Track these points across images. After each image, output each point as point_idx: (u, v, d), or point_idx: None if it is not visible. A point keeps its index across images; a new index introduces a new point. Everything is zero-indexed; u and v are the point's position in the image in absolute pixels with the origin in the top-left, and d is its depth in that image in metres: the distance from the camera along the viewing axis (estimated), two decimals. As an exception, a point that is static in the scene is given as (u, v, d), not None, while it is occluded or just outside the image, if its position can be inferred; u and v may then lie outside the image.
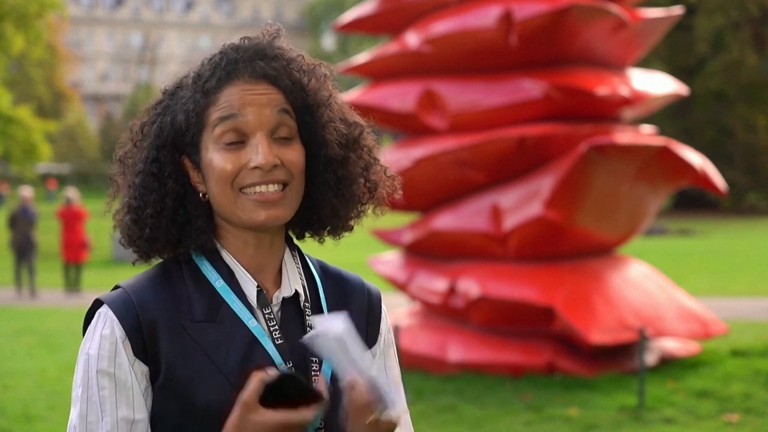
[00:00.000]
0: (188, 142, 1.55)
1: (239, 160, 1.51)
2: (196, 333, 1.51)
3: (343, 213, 1.61)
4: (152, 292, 1.54)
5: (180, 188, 1.55)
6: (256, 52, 1.55)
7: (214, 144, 1.52)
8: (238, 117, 1.51)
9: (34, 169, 27.73)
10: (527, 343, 8.27)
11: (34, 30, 21.03)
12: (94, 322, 1.54)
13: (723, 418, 6.91)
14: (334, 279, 1.67)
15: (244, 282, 1.56)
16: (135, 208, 1.55)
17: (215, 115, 1.52)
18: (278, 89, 1.54)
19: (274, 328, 1.55)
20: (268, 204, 1.51)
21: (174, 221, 1.55)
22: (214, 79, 1.53)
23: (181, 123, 1.54)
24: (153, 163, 1.55)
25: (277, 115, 1.52)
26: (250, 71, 1.53)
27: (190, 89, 1.55)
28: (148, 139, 1.57)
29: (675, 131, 29.33)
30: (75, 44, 76.01)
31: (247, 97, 1.52)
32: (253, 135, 1.51)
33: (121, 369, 1.49)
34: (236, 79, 1.53)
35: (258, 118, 1.51)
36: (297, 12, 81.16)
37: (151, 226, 1.55)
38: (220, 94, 1.52)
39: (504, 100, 8.45)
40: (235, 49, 1.56)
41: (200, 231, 1.56)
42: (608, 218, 8.41)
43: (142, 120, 1.60)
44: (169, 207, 1.54)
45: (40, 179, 44.47)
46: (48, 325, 12.20)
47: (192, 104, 1.54)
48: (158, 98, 1.61)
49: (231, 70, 1.53)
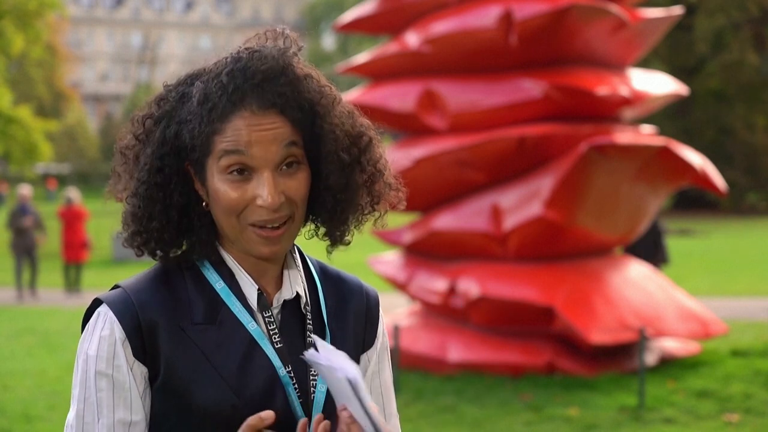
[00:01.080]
0: (193, 159, 1.52)
1: (245, 194, 1.48)
2: (196, 335, 1.51)
3: (341, 230, 1.60)
4: (152, 292, 1.53)
5: (184, 199, 1.54)
6: (265, 77, 1.49)
7: (219, 173, 1.49)
8: (245, 153, 1.47)
9: (34, 169, 27.73)
10: (527, 343, 8.27)
11: (34, 29, 21.02)
12: (93, 321, 1.53)
13: (723, 418, 6.91)
14: (334, 281, 1.67)
15: (244, 284, 1.56)
16: (139, 219, 1.54)
17: (221, 146, 1.48)
18: (285, 119, 1.49)
19: (274, 331, 1.54)
20: (271, 241, 1.50)
21: (179, 233, 1.55)
22: (220, 106, 1.48)
23: (186, 141, 1.51)
24: (158, 174, 1.52)
25: (284, 150, 1.49)
26: (258, 101, 1.48)
27: (195, 109, 1.50)
28: (151, 146, 1.53)
29: (675, 131, 29.32)
30: (75, 44, 75.99)
31: (254, 134, 1.47)
32: (259, 171, 1.48)
33: (119, 371, 1.49)
34: (243, 109, 1.48)
35: (264, 155, 1.48)
36: (297, 12, 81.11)
37: (157, 240, 1.54)
38: (226, 125, 1.48)
39: (504, 100, 8.45)
40: (243, 72, 1.49)
41: (204, 243, 1.56)
42: (608, 218, 8.41)
43: (144, 113, 1.57)
44: (174, 220, 1.53)
45: (40, 179, 44.48)
46: (48, 325, 12.20)
47: (197, 129, 1.49)
48: (161, 94, 1.57)
49: (238, 99, 1.48)
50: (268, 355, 1.52)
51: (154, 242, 1.54)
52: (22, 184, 20.52)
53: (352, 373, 1.38)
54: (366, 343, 1.66)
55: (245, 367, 1.50)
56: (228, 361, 1.50)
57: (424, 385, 7.92)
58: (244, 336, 1.52)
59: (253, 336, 1.52)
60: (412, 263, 9.10)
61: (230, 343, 1.51)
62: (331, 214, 1.58)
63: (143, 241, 1.55)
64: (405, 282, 8.95)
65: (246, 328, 1.52)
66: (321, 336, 1.59)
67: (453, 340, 8.49)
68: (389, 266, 9.35)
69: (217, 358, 1.50)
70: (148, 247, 1.55)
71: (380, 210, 1.62)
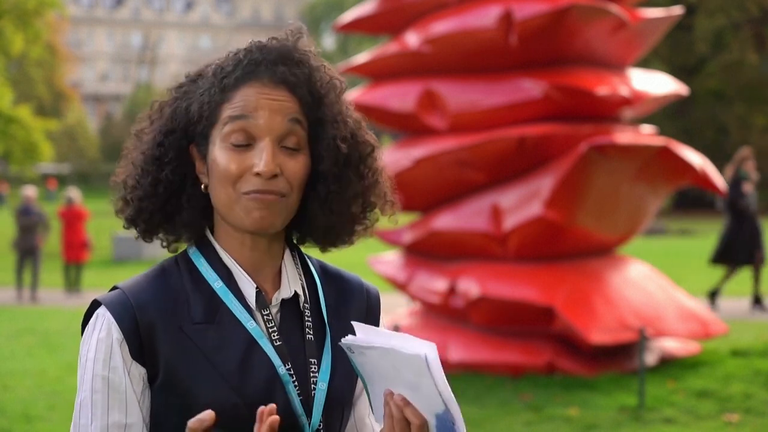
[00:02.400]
0: (199, 132, 1.55)
1: (243, 163, 1.50)
2: (195, 334, 1.51)
3: (337, 229, 1.61)
4: (150, 293, 1.53)
5: (176, 177, 1.55)
6: (281, 55, 1.54)
7: (221, 141, 1.52)
8: (249, 119, 1.50)
9: (34, 169, 27.72)
10: (527, 343, 8.27)
11: (33, 29, 21.02)
12: (91, 323, 1.53)
13: (723, 418, 6.91)
14: (334, 279, 1.67)
15: (242, 283, 1.56)
16: (130, 187, 1.57)
17: (227, 112, 1.51)
18: (295, 97, 1.53)
19: (273, 329, 1.54)
20: (263, 204, 1.50)
21: (162, 209, 1.56)
22: (233, 76, 1.52)
23: (194, 113, 1.54)
24: (157, 147, 1.56)
25: (287, 124, 1.51)
26: (270, 75, 1.52)
27: (209, 80, 1.55)
28: (159, 122, 1.58)
29: (675, 131, 29.34)
30: (75, 44, 76.02)
31: (262, 101, 1.51)
32: (260, 139, 1.50)
33: (115, 372, 1.49)
34: (255, 80, 1.52)
35: (268, 123, 1.50)
36: (297, 12, 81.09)
37: (136, 209, 1.56)
38: (236, 93, 1.52)
39: (504, 100, 8.45)
40: (260, 48, 1.55)
41: (185, 224, 1.57)
42: (608, 218, 8.41)
43: (163, 100, 1.61)
44: (160, 194, 1.55)
45: (40, 179, 44.46)
46: (48, 325, 12.20)
47: (207, 97, 1.53)
48: (181, 81, 1.61)
49: (251, 70, 1.52)
50: (268, 353, 1.52)
51: (134, 210, 1.56)
52: (26, 185, 20.52)
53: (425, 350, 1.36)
54: None
55: (245, 366, 1.50)
56: (228, 360, 1.50)
57: (424, 385, 7.92)
58: (243, 335, 1.52)
59: (252, 335, 1.52)
60: (412, 263, 9.10)
61: (229, 343, 1.51)
62: (322, 205, 1.57)
63: (125, 207, 1.58)
64: (405, 282, 8.95)
65: (245, 327, 1.52)
66: (321, 334, 1.59)
67: (453, 340, 8.49)
68: (389, 266, 9.35)
69: (216, 358, 1.50)
70: (129, 214, 1.58)
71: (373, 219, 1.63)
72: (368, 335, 1.44)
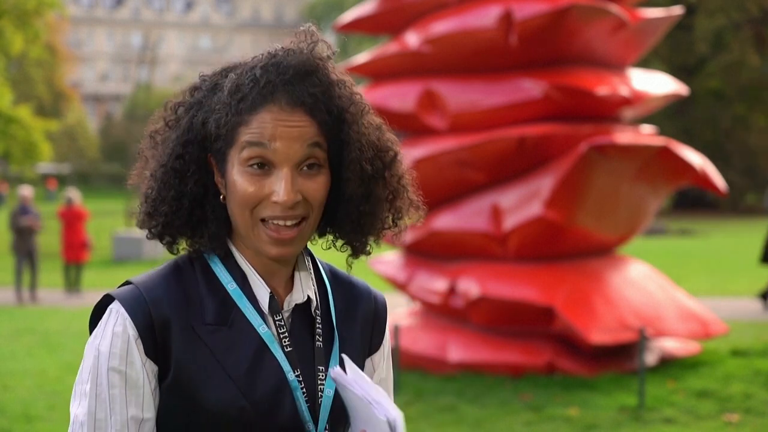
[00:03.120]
0: (216, 149, 1.53)
1: (262, 189, 1.48)
2: (207, 335, 1.50)
3: (363, 240, 1.61)
4: (164, 290, 1.52)
5: (200, 189, 1.54)
6: (297, 74, 1.50)
7: (239, 165, 1.49)
8: (267, 147, 1.47)
9: (34, 169, 27.71)
10: (527, 343, 8.27)
11: (33, 29, 21.00)
12: (105, 317, 1.52)
13: (723, 418, 6.91)
14: (344, 285, 1.67)
15: (256, 287, 1.55)
16: (153, 200, 1.54)
17: (245, 137, 1.48)
18: (313, 120, 1.50)
19: (284, 335, 1.54)
20: (281, 242, 1.50)
21: (188, 222, 1.54)
22: (249, 98, 1.49)
23: (211, 130, 1.52)
24: (177, 159, 1.53)
25: (307, 149, 1.49)
26: (287, 98, 1.48)
27: (225, 99, 1.51)
28: (177, 131, 1.55)
29: (675, 131, 29.34)
30: (75, 44, 76.01)
31: (279, 129, 1.47)
32: (279, 167, 1.48)
33: (132, 368, 1.48)
34: (272, 104, 1.48)
35: (286, 151, 1.48)
36: (297, 12, 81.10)
37: (164, 224, 1.54)
38: (253, 117, 1.48)
39: (504, 100, 8.45)
40: (276, 66, 1.50)
41: (213, 236, 1.55)
42: (608, 218, 8.41)
43: (177, 100, 1.58)
44: (185, 207, 1.53)
45: (40, 179, 44.48)
46: (48, 325, 12.20)
47: (224, 117, 1.50)
48: (196, 83, 1.58)
49: (268, 92, 1.48)
50: (278, 358, 1.52)
51: (162, 227, 1.54)
52: (23, 184, 20.50)
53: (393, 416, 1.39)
54: (372, 348, 1.67)
55: (254, 370, 1.50)
56: (237, 362, 1.50)
57: (424, 385, 7.92)
58: (254, 339, 1.52)
59: (264, 339, 1.52)
60: (412, 263, 9.10)
61: (240, 345, 1.51)
62: (354, 226, 1.58)
63: (152, 223, 1.55)
64: (405, 282, 8.95)
65: (257, 331, 1.52)
66: (330, 340, 1.59)
67: (453, 340, 8.49)
68: (389, 266, 9.35)
69: (226, 360, 1.50)
70: (156, 230, 1.55)
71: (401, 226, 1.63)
72: (355, 376, 1.46)
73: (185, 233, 1.56)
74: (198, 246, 1.56)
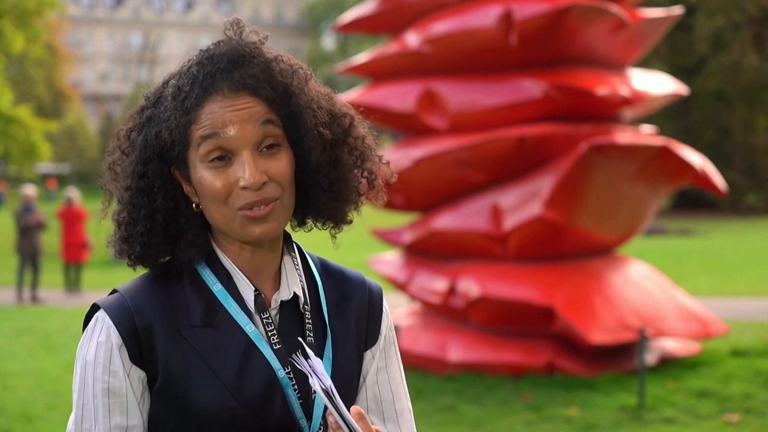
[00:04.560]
0: (175, 156, 1.53)
1: (228, 179, 1.48)
2: (194, 338, 1.51)
3: (343, 209, 1.60)
4: (149, 296, 1.53)
5: (170, 203, 1.54)
6: (231, 60, 1.51)
7: (200, 162, 1.50)
8: (221, 135, 1.48)
9: (34, 169, 27.70)
10: (527, 343, 8.27)
11: (33, 29, 21.00)
12: (91, 326, 1.53)
13: (723, 418, 6.90)
14: (336, 277, 1.66)
15: (242, 286, 1.55)
16: (126, 225, 1.54)
17: (198, 133, 1.49)
18: (259, 99, 1.50)
19: (272, 333, 1.54)
20: (260, 219, 1.50)
21: (165, 237, 1.54)
22: (192, 95, 1.49)
23: (165, 139, 1.51)
24: (141, 179, 1.53)
25: (260, 128, 1.49)
26: (229, 84, 1.49)
27: (170, 104, 1.51)
28: (134, 152, 1.54)
29: (675, 131, 29.35)
30: (75, 44, 76.01)
31: (228, 115, 1.48)
32: (238, 152, 1.48)
33: (115, 377, 1.49)
34: (215, 93, 1.49)
35: (241, 134, 1.48)
36: (297, 12, 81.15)
37: (141, 244, 1.53)
38: (201, 112, 1.49)
39: (504, 100, 8.45)
40: (210, 58, 1.51)
41: (191, 244, 1.55)
42: (608, 218, 8.41)
43: (128, 126, 1.58)
44: (159, 224, 1.53)
45: (40, 179, 44.46)
46: (48, 325, 12.20)
47: (174, 122, 1.50)
48: (142, 104, 1.58)
49: (209, 84, 1.49)
50: (267, 356, 1.52)
51: (140, 246, 1.54)
52: (26, 184, 20.49)
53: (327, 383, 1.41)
54: (369, 340, 1.65)
55: (243, 369, 1.50)
56: (226, 363, 1.50)
57: (424, 385, 7.92)
58: (242, 338, 1.52)
59: (251, 338, 1.52)
60: (412, 263, 9.10)
61: (228, 346, 1.51)
62: (328, 195, 1.57)
63: (129, 247, 1.55)
64: (405, 282, 8.95)
65: (244, 331, 1.52)
66: (323, 334, 1.58)
67: (453, 340, 8.49)
68: (389, 266, 9.35)
69: (215, 361, 1.50)
70: (134, 252, 1.55)
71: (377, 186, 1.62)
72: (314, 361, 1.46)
73: (165, 250, 1.55)
74: (181, 256, 1.55)
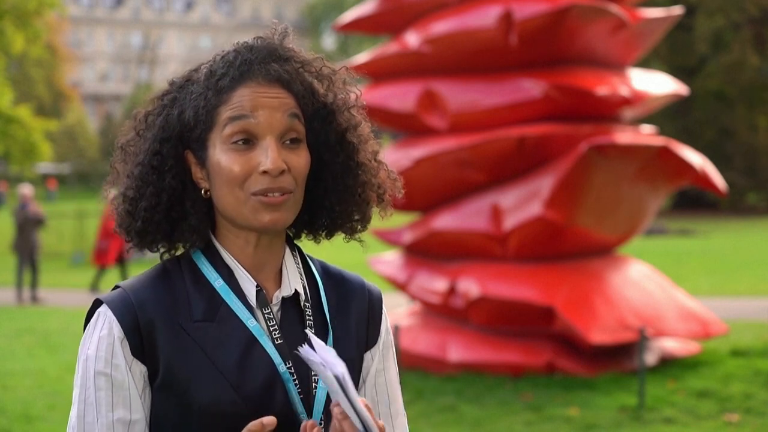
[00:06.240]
0: (195, 138, 1.55)
1: (248, 163, 1.50)
2: (195, 332, 1.51)
3: (357, 217, 1.62)
4: (151, 291, 1.54)
5: (178, 184, 1.55)
6: (270, 53, 1.55)
7: (222, 144, 1.52)
8: (250, 119, 1.50)
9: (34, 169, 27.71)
10: (527, 343, 8.27)
11: (33, 29, 21.00)
12: (93, 321, 1.54)
13: (723, 418, 6.91)
14: (335, 279, 1.67)
15: (243, 281, 1.56)
16: (131, 199, 1.55)
17: (226, 114, 1.52)
18: (290, 93, 1.54)
19: (274, 328, 1.55)
20: (272, 207, 1.51)
21: (167, 217, 1.55)
22: (227, 77, 1.53)
23: (189, 118, 1.54)
24: (155, 156, 1.55)
25: (287, 120, 1.52)
26: (264, 73, 1.53)
27: (201, 85, 1.55)
28: (152, 131, 1.56)
29: (675, 131, 29.32)
30: (75, 44, 76.01)
31: (260, 99, 1.51)
32: (263, 138, 1.51)
33: (117, 370, 1.50)
34: (249, 80, 1.52)
35: (269, 120, 1.51)
36: (297, 12, 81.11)
37: (144, 219, 1.55)
38: (232, 94, 1.52)
39: (504, 100, 8.45)
40: (250, 49, 1.55)
41: (193, 229, 1.56)
42: (608, 218, 8.41)
43: (147, 109, 1.60)
44: (164, 202, 1.54)
45: (40, 179, 44.45)
46: (48, 325, 12.20)
47: (203, 101, 1.53)
48: (165, 89, 1.60)
49: (245, 70, 1.53)
50: (268, 351, 1.52)
51: (141, 222, 1.55)
52: (23, 183, 20.50)
53: (340, 370, 1.40)
54: (369, 342, 1.66)
55: (245, 364, 1.51)
56: (227, 358, 1.51)
57: (424, 385, 7.92)
58: (243, 333, 1.52)
59: (253, 333, 1.53)
60: (412, 263, 9.10)
61: (229, 341, 1.52)
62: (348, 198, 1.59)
63: (131, 222, 1.56)
64: (405, 282, 8.95)
65: (245, 325, 1.53)
66: (324, 334, 1.59)
67: (453, 340, 8.49)
68: (389, 266, 9.35)
69: (216, 356, 1.51)
70: (135, 227, 1.56)
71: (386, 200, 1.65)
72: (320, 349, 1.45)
73: (165, 231, 1.56)
74: (179, 240, 1.57)
